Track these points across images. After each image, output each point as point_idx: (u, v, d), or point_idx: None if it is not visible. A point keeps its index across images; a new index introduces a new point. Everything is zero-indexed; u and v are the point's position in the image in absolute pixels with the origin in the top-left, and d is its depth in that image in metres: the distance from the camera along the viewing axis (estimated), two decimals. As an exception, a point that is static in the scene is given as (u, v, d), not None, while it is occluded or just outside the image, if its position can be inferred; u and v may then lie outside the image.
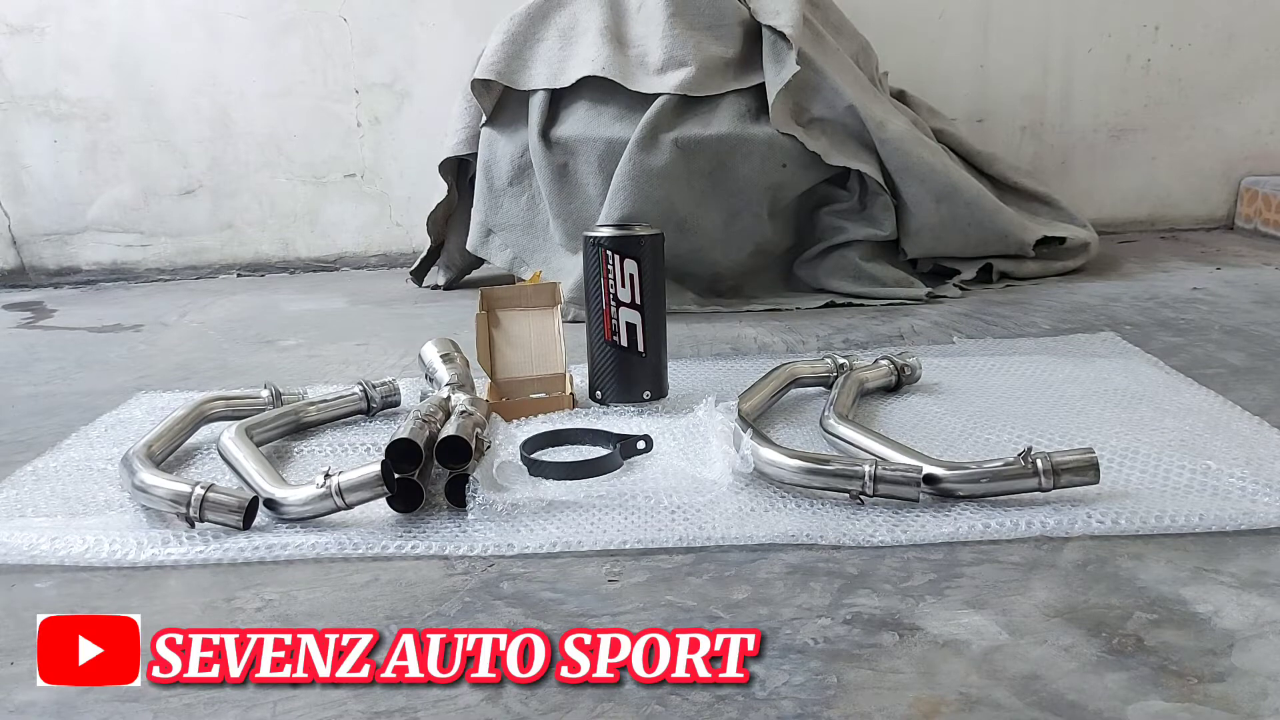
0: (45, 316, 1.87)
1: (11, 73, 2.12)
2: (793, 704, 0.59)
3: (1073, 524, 0.79)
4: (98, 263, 2.22)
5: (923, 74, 2.12)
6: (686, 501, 0.86)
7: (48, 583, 0.78)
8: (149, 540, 0.82)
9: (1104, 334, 1.37)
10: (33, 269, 2.21)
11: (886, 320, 1.53)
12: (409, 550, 0.81)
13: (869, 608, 0.70)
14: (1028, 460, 0.82)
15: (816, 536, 0.80)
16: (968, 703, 0.59)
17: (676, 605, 0.71)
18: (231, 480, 0.92)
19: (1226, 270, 1.82)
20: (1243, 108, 2.23)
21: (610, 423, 1.06)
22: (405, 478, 0.86)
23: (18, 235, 2.19)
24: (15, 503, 0.92)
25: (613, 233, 1.13)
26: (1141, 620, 0.67)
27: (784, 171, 1.66)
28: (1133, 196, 2.28)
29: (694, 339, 1.45)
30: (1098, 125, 2.24)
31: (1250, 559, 0.74)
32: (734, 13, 1.74)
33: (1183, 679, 0.60)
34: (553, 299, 1.18)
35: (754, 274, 1.73)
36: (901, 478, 0.83)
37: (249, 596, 0.75)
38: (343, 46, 2.14)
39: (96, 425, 1.14)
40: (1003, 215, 1.74)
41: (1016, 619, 0.68)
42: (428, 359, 1.20)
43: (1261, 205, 2.17)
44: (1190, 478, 0.86)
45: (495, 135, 1.73)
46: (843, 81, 1.68)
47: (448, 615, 0.71)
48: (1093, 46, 2.20)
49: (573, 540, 0.81)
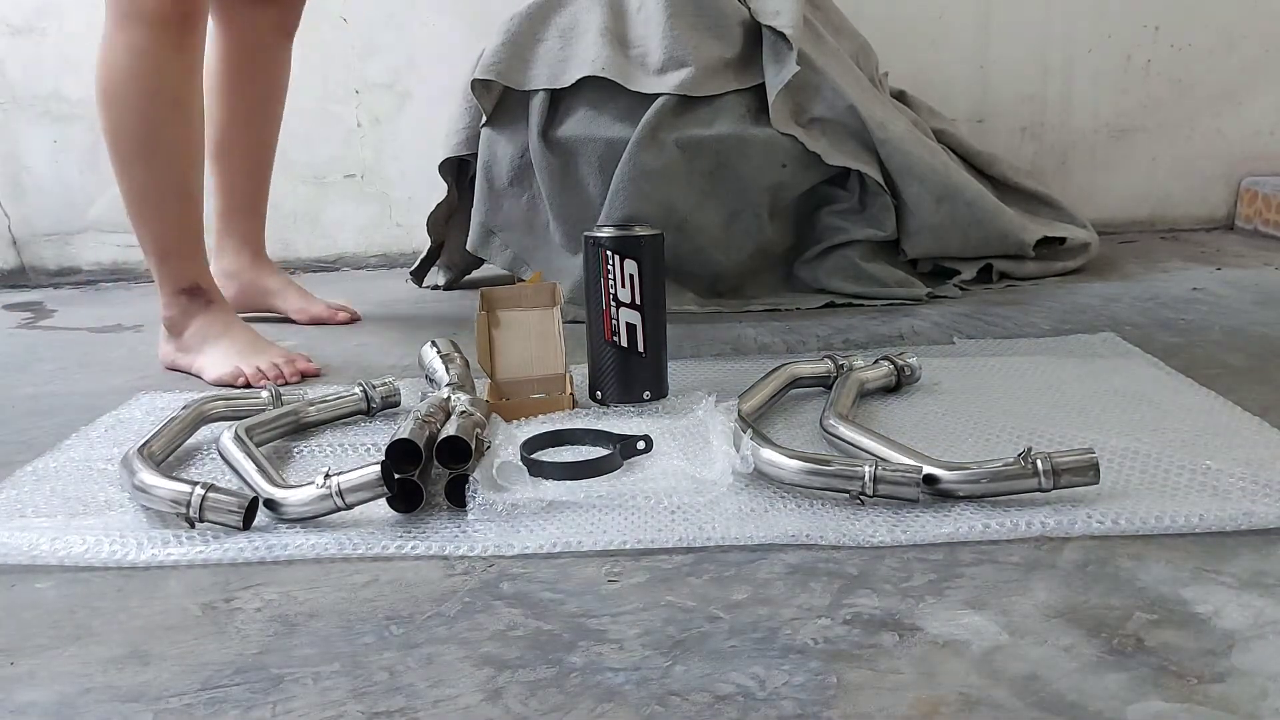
0: (45, 317, 1.87)
1: (12, 73, 2.12)
2: (793, 704, 0.59)
3: (1073, 524, 0.79)
4: (98, 263, 2.22)
5: (923, 74, 2.12)
6: (686, 502, 0.86)
7: (48, 583, 0.78)
8: (149, 540, 0.82)
9: (1104, 334, 1.37)
10: (33, 269, 2.21)
11: (886, 321, 1.53)
12: (409, 550, 0.81)
13: (869, 608, 0.70)
14: (1028, 461, 0.82)
15: (816, 537, 0.80)
16: (968, 703, 0.59)
17: (676, 605, 0.71)
18: (231, 480, 0.92)
19: (1227, 271, 1.82)
20: (1243, 108, 2.23)
21: (610, 423, 1.06)
22: (405, 478, 0.86)
23: (18, 235, 2.19)
24: (15, 503, 0.92)
25: (613, 233, 1.13)
26: (1141, 621, 0.67)
27: (784, 172, 1.66)
28: (1133, 197, 2.28)
29: (694, 339, 1.45)
30: (1098, 126, 2.24)
31: (1250, 559, 0.74)
32: (734, 13, 1.74)
33: (1183, 679, 0.60)
34: (553, 299, 1.18)
35: (754, 274, 1.73)
36: (901, 478, 0.83)
37: (249, 597, 0.75)
38: (343, 47, 2.14)
39: (97, 425, 1.14)
40: (1003, 215, 1.74)
41: (1016, 619, 0.68)
42: (427, 359, 1.20)
43: (1261, 206, 2.17)
44: (1190, 478, 0.86)
45: (495, 135, 1.73)
46: (843, 82, 1.68)
47: (448, 615, 0.71)
48: (1093, 47, 2.20)
49: (573, 540, 0.81)
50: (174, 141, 1.32)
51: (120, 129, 1.29)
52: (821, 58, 1.69)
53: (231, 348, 1.33)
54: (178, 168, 1.33)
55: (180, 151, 1.33)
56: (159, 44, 1.27)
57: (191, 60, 1.31)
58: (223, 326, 1.36)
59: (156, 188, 1.33)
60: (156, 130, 1.30)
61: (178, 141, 1.32)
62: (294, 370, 1.31)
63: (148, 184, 1.32)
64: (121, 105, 1.28)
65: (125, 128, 1.29)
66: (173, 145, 1.32)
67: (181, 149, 1.33)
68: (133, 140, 1.30)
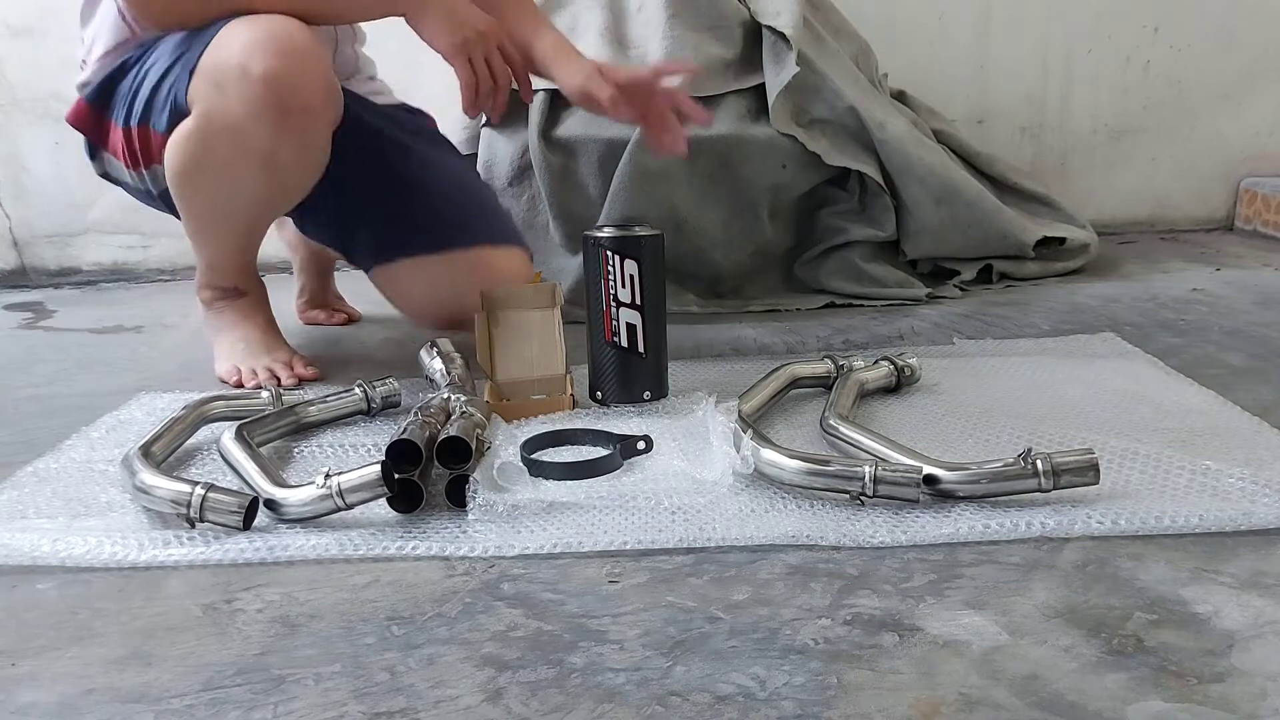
0: (46, 317, 1.87)
1: (12, 74, 2.12)
2: (793, 704, 0.59)
3: (1073, 524, 0.79)
4: (99, 263, 2.22)
5: (922, 75, 2.12)
6: (687, 502, 0.86)
7: (49, 584, 0.79)
8: (150, 541, 0.83)
9: (1104, 335, 1.37)
10: (34, 270, 2.21)
11: (886, 321, 1.53)
12: (410, 551, 0.81)
13: (869, 608, 0.70)
14: (1028, 461, 0.82)
15: (817, 537, 0.80)
16: (968, 703, 0.59)
17: (677, 606, 0.71)
18: (232, 481, 0.92)
19: (1226, 271, 1.82)
20: (1242, 109, 2.23)
21: (610, 423, 1.06)
22: (406, 478, 0.86)
23: (19, 236, 2.19)
24: (16, 504, 0.92)
25: (613, 233, 1.13)
26: (1141, 621, 0.67)
27: (784, 172, 1.66)
28: (1132, 197, 2.28)
29: (694, 339, 1.45)
30: (1097, 126, 2.24)
31: (1250, 559, 0.74)
32: (734, 14, 1.74)
33: (1183, 679, 0.60)
34: (553, 299, 1.18)
35: (754, 275, 1.73)
36: (901, 478, 0.83)
37: (250, 597, 0.75)
38: (343, 47, 2.14)
39: (98, 426, 1.14)
40: (1003, 216, 1.74)
41: (1016, 619, 0.68)
42: (427, 360, 1.20)
43: (1261, 206, 2.17)
44: (1190, 478, 0.86)
45: (495, 135, 1.73)
46: (843, 82, 1.68)
47: (449, 616, 0.71)
48: (1093, 47, 2.20)
49: (573, 541, 0.81)
50: (253, 196, 1.23)
51: (198, 182, 1.22)
52: (821, 58, 1.69)
53: (240, 343, 1.33)
54: (250, 213, 1.28)
55: (257, 200, 1.25)
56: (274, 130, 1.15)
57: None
58: (241, 318, 1.34)
59: (219, 221, 1.28)
60: (236, 186, 1.22)
61: (258, 196, 1.24)
62: (291, 376, 1.30)
63: (211, 216, 1.27)
64: (207, 168, 1.20)
65: (203, 183, 1.22)
66: (251, 198, 1.24)
67: (262, 200, 1.25)
68: (207, 195, 1.23)
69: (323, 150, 1.23)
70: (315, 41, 1.16)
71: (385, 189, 1.36)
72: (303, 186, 1.26)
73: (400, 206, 1.35)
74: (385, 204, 1.35)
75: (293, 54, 1.13)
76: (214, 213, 1.27)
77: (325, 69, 1.18)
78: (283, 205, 1.31)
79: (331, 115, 1.20)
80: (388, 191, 1.35)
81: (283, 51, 1.12)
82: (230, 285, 1.34)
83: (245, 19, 1.14)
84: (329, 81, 1.18)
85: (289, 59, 1.12)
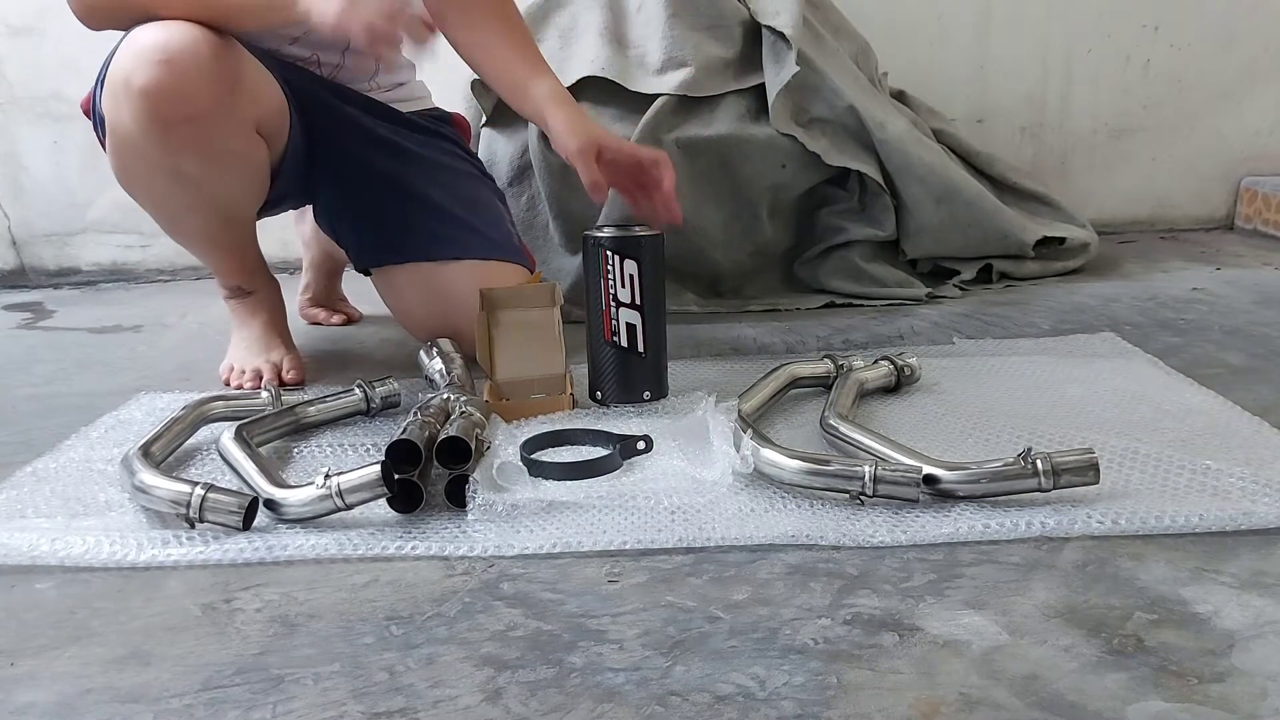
0: (45, 317, 1.87)
1: (12, 74, 2.12)
2: (793, 704, 0.59)
3: (1073, 524, 0.79)
4: (98, 263, 2.22)
5: (922, 74, 2.12)
6: (686, 502, 0.86)
7: (48, 583, 0.78)
8: (149, 541, 0.82)
9: (1104, 334, 1.37)
10: (33, 270, 2.21)
11: (886, 321, 1.53)
12: (409, 551, 0.81)
13: (869, 608, 0.70)
14: (1028, 461, 0.82)
15: (817, 537, 0.80)
16: (968, 703, 0.59)
17: (676, 606, 0.71)
18: (231, 481, 0.92)
19: (1226, 270, 1.82)
20: (1242, 108, 2.23)
21: (610, 423, 1.06)
22: (405, 478, 0.86)
23: (18, 236, 2.19)
24: (15, 503, 0.92)
25: (613, 233, 1.13)
26: (1141, 620, 0.67)
27: (784, 172, 1.66)
28: (1132, 197, 2.28)
29: (694, 339, 1.45)
30: (1097, 126, 2.24)
31: (1250, 559, 0.74)
32: (734, 13, 1.74)
33: (1183, 679, 0.60)
34: (553, 299, 1.18)
35: (754, 274, 1.73)
36: (901, 478, 0.83)
37: (249, 597, 0.75)
38: (343, 47, 2.13)
39: (97, 426, 1.14)
40: (1003, 215, 1.74)
41: (1016, 619, 0.68)
42: (427, 360, 1.20)
43: (1261, 205, 2.17)
44: (1190, 478, 0.86)
45: (495, 136, 1.73)
46: (843, 82, 1.68)
47: (448, 616, 0.71)
48: (1093, 47, 2.20)
49: (573, 541, 0.81)
50: (186, 206, 1.23)
51: (134, 193, 1.23)
52: (821, 58, 1.69)
53: (241, 342, 1.34)
54: (199, 222, 1.27)
55: (194, 209, 1.24)
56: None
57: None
58: (248, 316, 1.35)
59: (177, 228, 1.30)
60: (164, 198, 1.22)
61: (190, 205, 1.23)
62: (274, 378, 1.28)
63: (169, 224, 1.29)
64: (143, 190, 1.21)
65: (138, 194, 1.23)
66: (185, 207, 1.23)
67: (200, 209, 1.24)
68: (148, 205, 1.25)
69: (242, 153, 1.20)
70: (206, 45, 1.09)
71: (380, 193, 1.35)
72: (245, 188, 1.24)
73: (394, 211, 1.35)
74: (379, 207, 1.35)
75: (172, 63, 1.07)
76: (168, 221, 1.28)
77: (213, 73, 1.10)
78: (244, 207, 1.28)
79: (230, 117, 1.14)
80: (382, 196, 1.35)
81: (162, 61, 1.06)
82: (234, 284, 1.34)
83: (148, 25, 1.09)
84: (220, 86, 1.11)
85: (168, 69, 1.06)
